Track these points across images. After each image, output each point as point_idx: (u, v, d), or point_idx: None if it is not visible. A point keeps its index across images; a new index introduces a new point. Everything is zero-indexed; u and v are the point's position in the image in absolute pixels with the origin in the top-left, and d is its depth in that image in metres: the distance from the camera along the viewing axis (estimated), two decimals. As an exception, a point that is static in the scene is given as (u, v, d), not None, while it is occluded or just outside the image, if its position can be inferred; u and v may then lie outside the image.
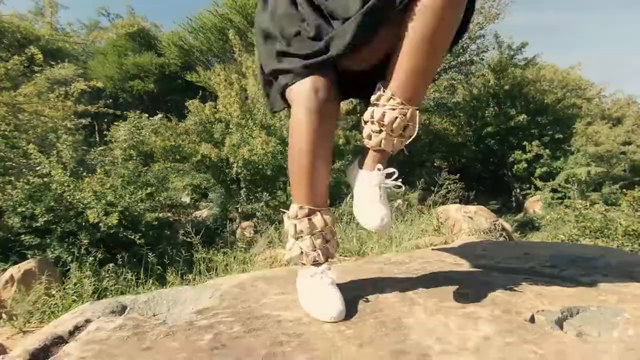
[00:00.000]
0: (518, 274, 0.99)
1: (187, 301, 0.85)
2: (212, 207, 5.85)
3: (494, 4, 8.97)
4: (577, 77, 10.52)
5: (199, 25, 8.56)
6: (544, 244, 1.43)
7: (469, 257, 1.13)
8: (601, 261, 1.07)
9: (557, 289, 0.84)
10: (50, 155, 3.59)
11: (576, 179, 9.03)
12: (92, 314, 0.82)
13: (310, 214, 0.91)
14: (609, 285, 0.85)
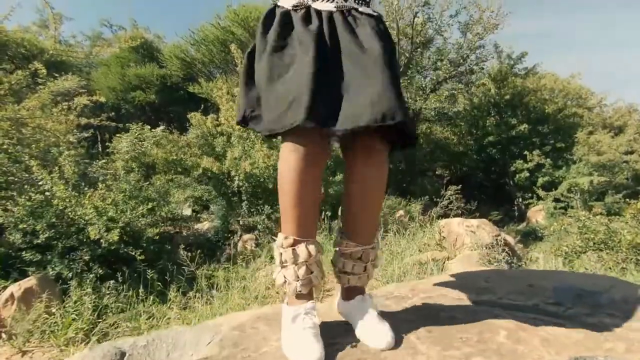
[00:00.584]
0: (522, 312, 0.98)
1: (187, 345, 0.84)
2: (214, 220, 5.84)
3: (492, 15, 9.02)
4: (577, 87, 10.54)
5: (201, 37, 8.64)
6: (547, 274, 1.41)
7: (471, 291, 1.12)
8: (605, 297, 1.05)
9: (562, 334, 0.82)
10: (53, 171, 3.60)
11: (578, 188, 8.99)
12: (91, 360, 0.81)
13: (294, 244, 0.94)
14: (616, 330, 0.83)
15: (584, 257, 5.68)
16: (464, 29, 9.73)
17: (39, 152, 4.32)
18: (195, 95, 8.48)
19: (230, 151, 4.61)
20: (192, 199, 6.32)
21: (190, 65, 8.88)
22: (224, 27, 8.12)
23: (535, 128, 10.23)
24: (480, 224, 4.15)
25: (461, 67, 9.85)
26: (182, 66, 9.00)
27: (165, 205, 4.01)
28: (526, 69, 10.75)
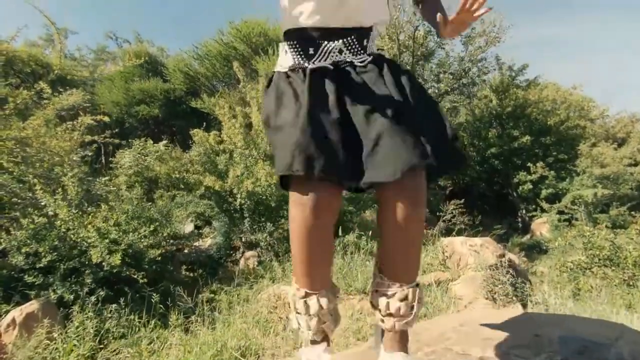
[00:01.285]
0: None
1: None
2: (216, 236, 5.83)
3: (494, 29, 9.08)
4: (579, 98, 10.55)
5: (204, 52, 8.74)
6: (554, 320, 1.39)
7: (476, 344, 1.10)
8: (613, 352, 1.03)
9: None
10: (56, 192, 3.61)
11: (582, 200, 8.94)
12: None
13: (306, 296, 0.93)
14: None
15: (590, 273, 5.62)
16: (466, 41, 9.80)
17: (42, 171, 4.35)
18: (198, 109, 8.54)
19: (233, 169, 4.62)
20: (194, 215, 6.33)
21: (194, 79, 8.97)
22: (227, 43, 8.22)
23: (537, 139, 10.22)
24: (484, 243, 4.12)
25: (463, 79, 9.89)
26: (186, 80, 9.09)
27: (167, 225, 4.01)
28: (527, 80, 10.78)
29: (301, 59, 0.97)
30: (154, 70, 9.81)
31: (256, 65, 7.37)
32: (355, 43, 0.98)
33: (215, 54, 8.39)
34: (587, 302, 5.01)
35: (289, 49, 1.00)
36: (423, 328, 1.30)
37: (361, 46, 0.99)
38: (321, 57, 0.97)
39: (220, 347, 2.53)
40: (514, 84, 10.93)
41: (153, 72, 9.77)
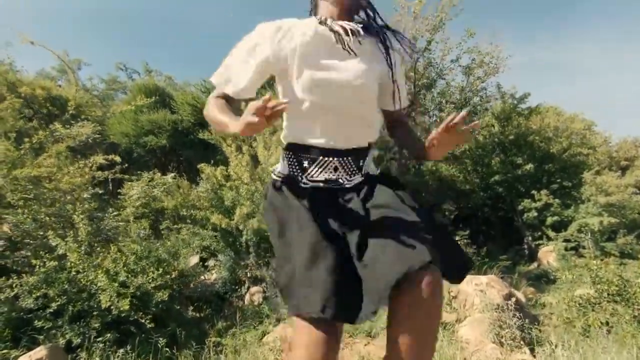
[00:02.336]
0: None
1: None
2: (221, 270, 5.85)
3: (492, 60, 9.31)
4: (580, 126, 10.66)
5: (212, 86, 9.03)
6: None
7: None
8: None
9: None
10: (67, 235, 3.69)
11: (589, 228, 8.88)
12: None
13: None
14: None
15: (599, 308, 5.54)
16: (466, 71, 10.03)
17: (55, 210, 4.45)
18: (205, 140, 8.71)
19: (240, 208, 4.70)
20: (200, 248, 6.37)
21: (201, 111, 9.18)
22: (234, 77, 8.50)
23: (541, 167, 10.25)
24: (490, 282, 4.11)
25: (465, 108, 10.06)
26: (193, 112, 9.34)
27: (175, 264, 4.06)
28: (529, 108, 10.93)
29: (296, 171, 1.03)
30: (163, 102, 10.10)
31: (262, 99, 7.59)
32: (351, 163, 1.04)
33: (222, 88, 8.66)
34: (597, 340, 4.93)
35: (286, 158, 1.07)
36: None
37: (357, 166, 1.04)
38: (315, 174, 1.03)
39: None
40: (516, 111, 11.08)
41: (161, 104, 10.06)
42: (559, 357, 2.73)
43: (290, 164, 1.05)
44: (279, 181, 1.06)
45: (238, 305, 5.09)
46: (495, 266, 7.30)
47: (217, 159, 9.23)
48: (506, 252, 10.27)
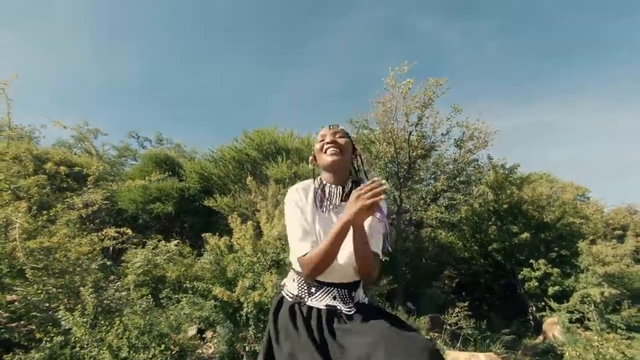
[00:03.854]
0: None
1: None
2: (220, 343, 5.78)
3: (481, 135, 10.02)
4: (571, 197, 11.06)
5: (219, 156, 9.63)
6: None
7: None
8: None
9: None
10: (74, 306, 3.83)
11: (591, 299, 8.79)
12: None
13: None
14: None
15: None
16: (458, 144, 10.72)
17: (63, 281, 4.60)
18: (209, 207, 9.05)
19: (241, 281, 4.86)
20: (200, 319, 6.34)
21: (208, 179, 9.70)
22: (240, 150, 9.12)
23: (537, 235, 10.44)
24: (487, 359, 4.12)
25: (458, 178, 10.55)
26: (200, 180, 9.82)
27: (177, 338, 4.12)
28: (521, 178, 11.44)
29: (304, 294, 1.32)
30: (172, 170, 10.65)
31: (266, 170, 8.07)
32: (346, 294, 1.34)
33: (229, 158, 9.23)
34: None
35: (297, 281, 1.36)
36: None
37: (350, 297, 1.34)
38: (319, 299, 1.32)
39: None
40: (509, 180, 11.57)
41: (171, 171, 10.60)
42: None
43: (299, 287, 1.33)
44: (289, 300, 1.33)
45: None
46: (498, 340, 7.16)
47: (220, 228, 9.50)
48: (510, 324, 10.03)
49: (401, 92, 10.13)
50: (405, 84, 10.25)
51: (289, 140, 8.86)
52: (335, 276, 1.32)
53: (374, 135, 10.64)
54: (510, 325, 9.82)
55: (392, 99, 10.29)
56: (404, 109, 10.31)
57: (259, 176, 8.41)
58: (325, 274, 1.29)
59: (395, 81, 10.26)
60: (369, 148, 10.86)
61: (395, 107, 10.27)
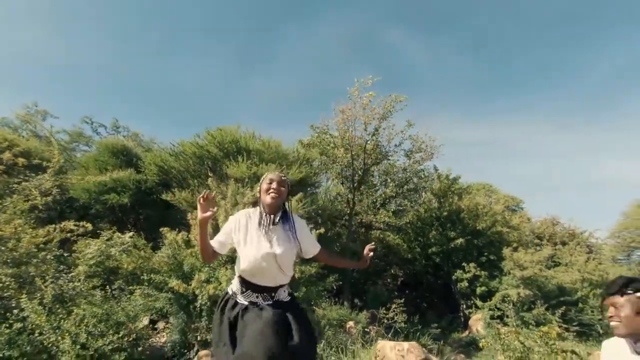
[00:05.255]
0: None
1: None
2: (172, 333, 6.09)
3: (428, 148, 11.01)
4: (500, 209, 12.47)
5: (180, 150, 9.73)
6: None
7: None
8: None
9: None
10: (34, 297, 4.02)
11: (510, 299, 10.09)
12: None
13: None
14: None
15: (509, 372, 6.41)
16: (408, 154, 11.68)
17: (17, 271, 4.70)
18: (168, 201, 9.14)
19: (198, 274, 5.22)
20: (153, 310, 6.57)
21: (167, 172, 9.75)
22: (202, 146, 9.30)
23: (471, 241, 11.67)
24: (410, 348, 4.85)
25: (406, 186, 11.51)
26: (159, 173, 9.84)
27: (132, 327, 4.42)
28: (461, 188, 12.67)
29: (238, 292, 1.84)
30: (129, 162, 10.54)
31: (226, 169, 8.36)
32: (266, 295, 1.86)
33: (190, 154, 9.37)
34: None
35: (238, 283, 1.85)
36: None
37: (270, 296, 1.86)
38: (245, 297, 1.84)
39: None
40: (451, 190, 12.76)
41: (127, 163, 10.50)
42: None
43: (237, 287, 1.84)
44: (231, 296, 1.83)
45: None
46: (427, 333, 8.09)
47: (177, 222, 9.60)
48: (442, 319, 11.15)
49: (362, 104, 10.86)
50: (367, 96, 10.99)
51: (251, 141, 9.19)
52: (261, 281, 1.83)
53: (332, 141, 11.25)
54: (442, 320, 10.92)
55: (352, 108, 10.98)
56: (363, 119, 11.04)
57: (219, 174, 8.67)
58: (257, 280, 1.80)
59: (359, 92, 10.97)
60: (327, 153, 11.47)
61: (355, 117, 10.97)
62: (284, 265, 1.85)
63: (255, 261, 1.78)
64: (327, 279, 7.77)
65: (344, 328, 7.38)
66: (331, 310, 7.65)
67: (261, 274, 1.79)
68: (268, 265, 1.79)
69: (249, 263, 1.79)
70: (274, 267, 1.80)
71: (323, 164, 11.69)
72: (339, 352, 5.19)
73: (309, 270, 6.38)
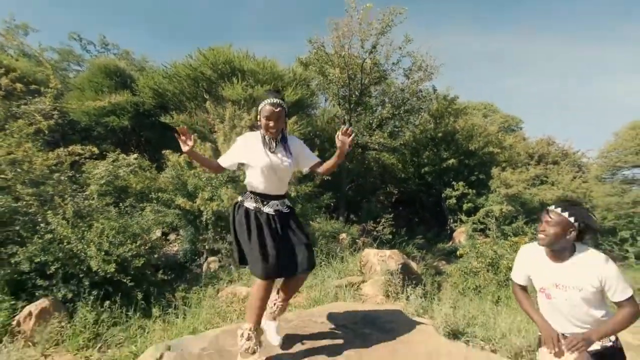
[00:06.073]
0: (344, 328, 2.27)
1: (193, 345, 2.03)
2: (183, 243, 6.86)
3: (428, 67, 10.75)
4: (495, 130, 12.61)
5: (173, 72, 9.57)
6: (366, 309, 2.73)
7: (330, 319, 2.40)
8: (380, 321, 2.38)
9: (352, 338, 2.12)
10: (57, 213, 4.53)
11: (493, 214, 10.91)
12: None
13: (251, 329, 2.03)
14: (382, 337, 2.14)
15: (480, 275, 7.34)
16: (407, 73, 11.43)
17: (37, 190, 5.16)
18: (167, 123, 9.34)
19: (201, 193, 5.70)
20: (164, 224, 7.28)
21: (162, 95, 9.74)
22: (195, 67, 9.12)
23: (463, 161, 12.11)
24: (391, 254, 5.54)
25: (403, 107, 11.51)
26: (155, 95, 9.83)
27: (147, 237, 5.04)
28: (458, 109, 12.67)
29: (258, 204, 2.15)
30: (124, 84, 10.44)
31: (221, 91, 8.36)
32: (284, 202, 2.20)
33: (183, 76, 9.25)
34: (469, 296, 6.67)
35: (252, 197, 2.17)
36: (307, 312, 2.59)
37: (279, 203, 2.19)
38: (271, 206, 2.15)
39: (192, 330, 3.68)
40: (448, 111, 12.78)
41: (122, 85, 10.40)
42: (431, 305, 4.16)
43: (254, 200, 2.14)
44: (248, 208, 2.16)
45: (197, 272, 6.18)
46: (412, 244, 8.98)
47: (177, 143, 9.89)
48: (429, 232, 12.16)
49: (359, 19, 10.27)
50: (364, 8, 10.35)
51: (245, 61, 8.98)
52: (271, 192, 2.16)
53: (329, 59, 10.92)
54: (428, 233, 11.92)
55: (349, 23, 10.43)
56: (360, 35, 10.56)
57: (215, 96, 8.69)
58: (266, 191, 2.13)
59: (356, 4, 10.30)
60: (325, 72, 11.22)
61: (352, 33, 10.48)
62: (288, 176, 2.21)
63: (262, 174, 2.11)
64: (322, 197, 8.38)
65: (337, 239, 8.20)
66: (326, 224, 8.39)
67: (269, 185, 2.11)
68: (274, 177, 2.11)
69: (257, 177, 2.12)
70: (277, 179, 2.12)
71: (320, 84, 11.53)
72: (329, 258, 5.94)
73: (304, 189, 6.89)
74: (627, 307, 1.67)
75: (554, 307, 1.81)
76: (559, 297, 1.77)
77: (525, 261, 1.96)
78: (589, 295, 1.70)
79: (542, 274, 1.84)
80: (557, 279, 1.77)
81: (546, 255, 1.84)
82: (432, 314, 4.06)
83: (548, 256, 1.84)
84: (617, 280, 1.66)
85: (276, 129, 2.11)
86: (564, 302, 1.75)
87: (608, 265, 1.67)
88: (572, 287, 1.73)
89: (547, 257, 1.84)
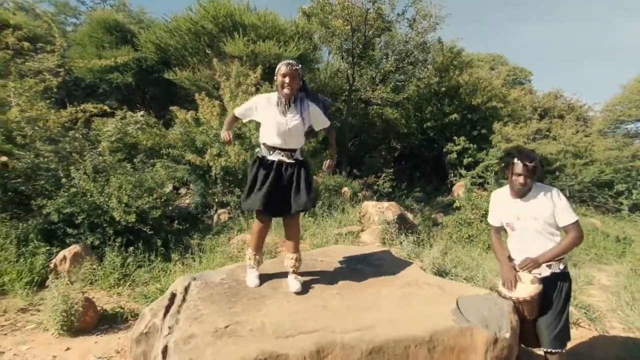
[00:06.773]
0: (342, 265, 2.66)
1: (214, 275, 2.44)
2: (194, 196, 7.28)
3: (432, 17, 10.44)
4: (499, 83, 12.43)
5: (174, 26, 9.42)
6: (363, 251, 3.12)
7: (328, 257, 2.80)
8: (371, 258, 2.77)
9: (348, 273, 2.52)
10: (78, 168, 4.89)
11: (492, 169, 11.16)
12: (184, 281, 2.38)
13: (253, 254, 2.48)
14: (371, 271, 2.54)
15: (474, 225, 7.78)
16: (411, 23, 11.12)
17: (55, 147, 5.48)
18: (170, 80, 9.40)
19: (210, 149, 5.99)
20: (175, 179, 7.67)
21: (165, 50, 9.68)
22: (196, 21, 8.97)
23: (466, 116, 12.13)
24: (389, 206, 5.93)
25: (407, 59, 11.34)
26: (157, 51, 9.77)
27: (161, 191, 5.43)
28: (463, 62, 12.43)
29: (266, 154, 2.44)
30: (124, 38, 10.33)
31: (224, 47, 8.31)
32: (290, 154, 2.44)
33: (185, 30, 9.12)
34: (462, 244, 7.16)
35: (264, 148, 2.45)
36: (309, 253, 2.99)
37: (292, 156, 2.45)
38: (275, 155, 2.42)
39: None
40: (453, 64, 12.55)
41: (123, 39, 10.30)
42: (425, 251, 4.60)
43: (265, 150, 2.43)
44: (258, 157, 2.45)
45: (208, 223, 6.67)
46: (410, 197, 9.37)
47: (182, 99, 9.99)
48: (429, 186, 12.53)
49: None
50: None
51: (245, 15, 8.80)
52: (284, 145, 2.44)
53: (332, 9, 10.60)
54: (428, 187, 12.29)
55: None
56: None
57: (217, 51, 8.66)
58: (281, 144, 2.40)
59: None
60: (327, 23, 10.95)
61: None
62: (297, 133, 2.44)
63: (270, 131, 2.38)
64: (325, 152, 8.65)
65: (339, 193, 8.60)
66: (329, 179, 8.75)
67: (277, 140, 2.37)
68: (281, 134, 2.37)
69: (266, 132, 2.41)
70: (285, 135, 2.37)
71: (323, 36, 11.30)
72: (331, 209, 6.35)
73: (308, 145, 7.15)
74: (572, 232, 2.05)
75: (517, 238, 2.19)
76: (520, 227, 2.14)
77: (497, 204, 2.30)
78: (543, 225, 2.06)
79: (509, 211, 2.20)
80: (519, 213, 2.14)
81: (510, 195, 2.19)
82: (422, 258, 4.51)
83: (512, 196, 2.18)
84: (565, 209, 2.04)
85: (291, 87, 2.33)
86: (525, 231, 2.13)
87: (559, 196, 2.05)
88: (530, 218, 2.10)
89: (511, 197, 2.20)
